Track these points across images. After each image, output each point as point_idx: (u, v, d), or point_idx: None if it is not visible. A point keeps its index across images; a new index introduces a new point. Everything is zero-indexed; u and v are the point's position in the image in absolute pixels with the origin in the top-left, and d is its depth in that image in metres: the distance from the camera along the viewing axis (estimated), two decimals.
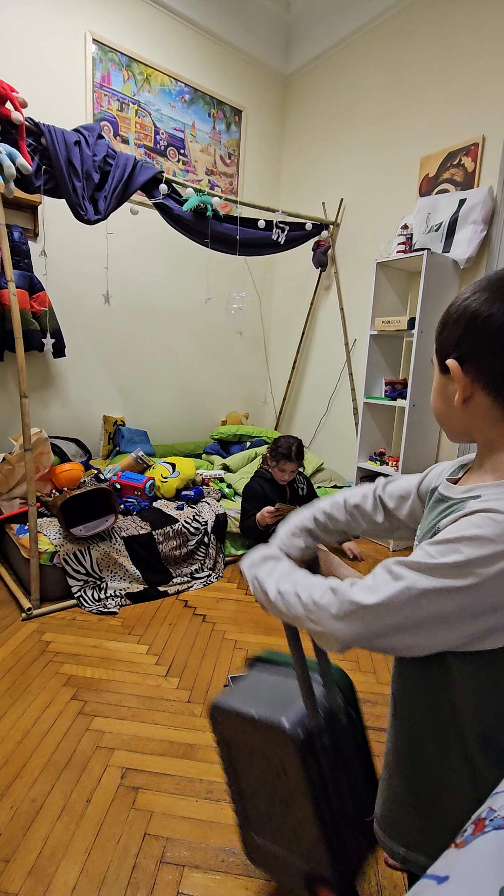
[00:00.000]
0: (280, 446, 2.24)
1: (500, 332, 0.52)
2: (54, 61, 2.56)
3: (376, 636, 0.52)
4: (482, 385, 0.55)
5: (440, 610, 0.49)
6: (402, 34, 2.76)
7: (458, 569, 0.48)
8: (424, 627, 0.50)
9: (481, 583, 0.47)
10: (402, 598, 0.50)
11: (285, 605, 0.59)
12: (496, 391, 0.54)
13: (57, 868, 0.95)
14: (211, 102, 3.21)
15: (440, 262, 2.42)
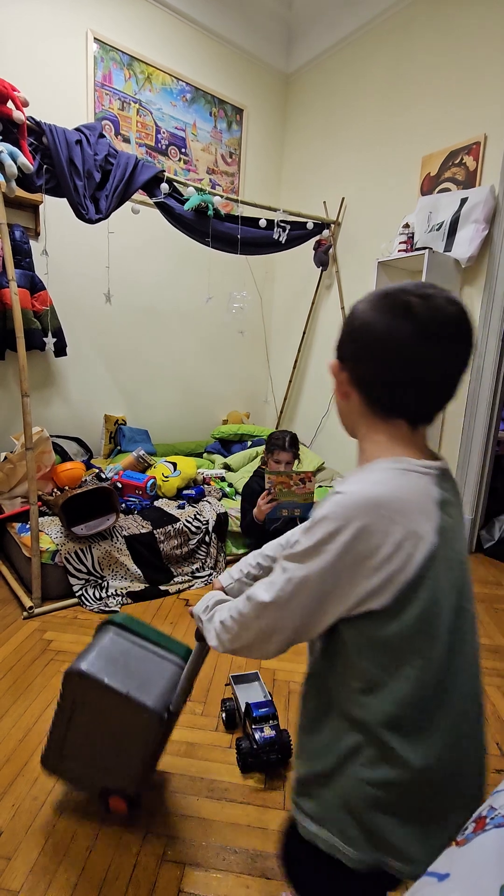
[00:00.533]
0: (274, 438, 2.26)
1: (370, 340, 0.58)
2: (55, 60, 2.56)
3: (283, 628, 0.57)
4: (355, 384, 0.61)
5: (317, 590, 0.54)
6: (403, 33, 2.76)
7: (314, 550, 0.54)
8: (314, 608, 0.55)
9: (333, 558, 0.53)
10: (289, 588, 0.56)
11: (232, 634, 0.63)
12: (365, 391, 0.61)
13: (58, 866, 0.95)
14: (212, 101, 3.21)
15: (442, 261, 2.42)
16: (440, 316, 0.55)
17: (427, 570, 0.53)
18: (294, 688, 1.50)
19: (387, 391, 0.59)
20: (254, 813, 1.08)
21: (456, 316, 0.55)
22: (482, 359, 2.50)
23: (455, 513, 0.60)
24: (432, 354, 0.56)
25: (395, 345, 0.56)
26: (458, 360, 0.57)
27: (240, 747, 1.19)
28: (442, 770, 0.54)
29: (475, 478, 2.60)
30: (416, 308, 0.55)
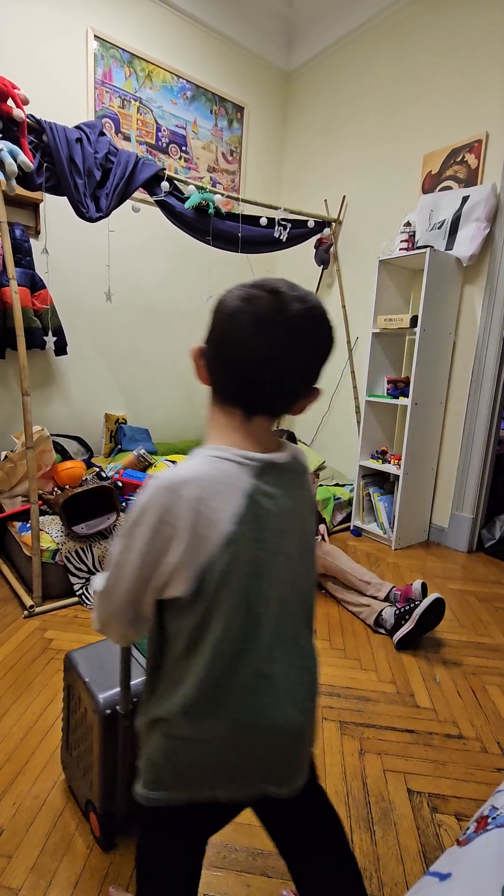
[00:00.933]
0: None
1: (216, 324, 0.60)
2: (56, 58, 2.55)
3: (117, 614, 0.60)
4: (205, 368, 0.64)
5: (134, 573, 0.57)
6: (404, 30, 2.75)
7: (128, 534, 0.57)
8: (135, 591, 0.58)
9: (141, 541, 0.55)
10: (114, 575, 0.59)
11: (96, 622, 0.65)
12: (209, 375, 0.63)
13: (59, 864, 0.95)
14: (213, 99, 3.20)
15: (443, 259, 2.41)
16: (279, 309, 0.56)
17: (223, 556, 0.55)
18: None
19: (221, 376, 0.62)
20: None
21: (297, 312, 0.57)
22: (483, 358, 2.50)
23: (279, 504, 0.61)
24: (260, 345, 0.57)
25: (230, 330, 0.58)
26: (288, 354, 0.58)
27: None
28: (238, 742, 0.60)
29: (476, 477, 2.60)
30: (259, 299, 0.56)
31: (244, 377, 0.60)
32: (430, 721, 1.38)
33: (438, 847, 1.02)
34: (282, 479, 0.63)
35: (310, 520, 0.69)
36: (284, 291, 0.57)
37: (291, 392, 0.63)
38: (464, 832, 0.34)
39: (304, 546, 0.67)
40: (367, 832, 1.04)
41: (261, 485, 0.59)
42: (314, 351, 0.61)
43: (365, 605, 1.89)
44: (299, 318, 0.57)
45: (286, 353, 0.58)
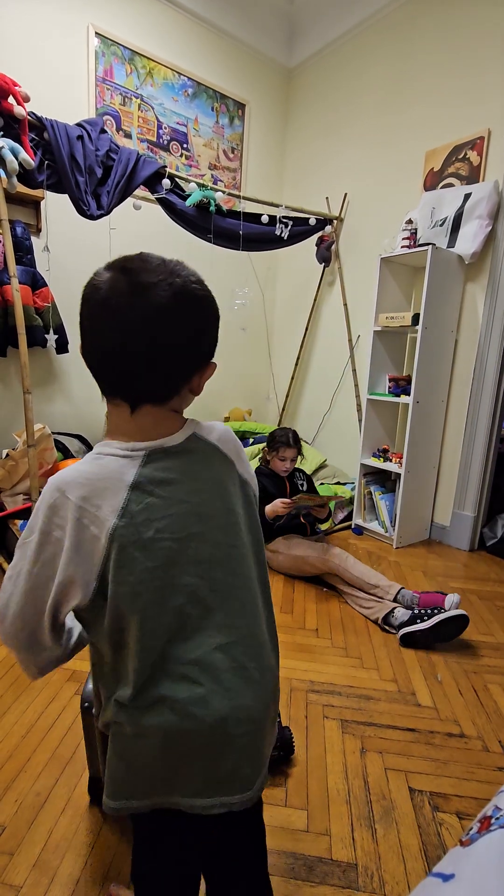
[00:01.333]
0: (277, 436, 2.28)
1: (80, 311, 0.57)
2: (57, 55, 2.55)
3: (16, 632, 0.58)
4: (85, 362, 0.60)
5: (26, 584, 0.55)
6: (406, 27, 2.73)
7: (22, 543, 0.56)
8: (30, 606, 0.56)
9: (32, 549, 0.55)
10: (9, 587, 0.57)
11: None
12: (89, 368, 0.60)
13: (61, 861, 0.95)
14: (214, 96, 3.19)
15: (445, 257, 2.40)
16: (130, 290, 0.51)
17: (113, 553, 0.53)
18: (296, 685, 1.50)
19: (93, 371, 0.58)
20: None
21: (151, 290, 0.52)
22: (485, 355, 2.49)
23: (180, 488, 0.59)
24: (116, 333, 0.54)
25: (84, 321, 0.55)
26: (151, 338, 0.54)
27: None
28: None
29: (478, 475, 2.59)
30: (108, 282, 0.53)
31: (114, 369, 0.57)
32: (432, 720, 1.38)
33: (440, 845, 1.02)
34: (180, 461, 0.60)
35: (236, 496, 0.64)
36: (134, 268, 0.53)
37: (171, 375, 0.59)
38: (467, 832, 0.34)
39: (234, 525, 0.62)
40: (368, 830, 1.04)
41: (150, 473, 0.57)
42: (183, 327, 0.56)
43: (375, 602, 1.89)
44: (155, 295, 0.52)
45: (148, 337, 0.54)
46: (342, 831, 1.04)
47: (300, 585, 2.16)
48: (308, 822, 1.06)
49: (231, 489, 0.64)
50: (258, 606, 0.64)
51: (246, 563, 0.63)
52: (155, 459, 0.59)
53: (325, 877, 0.95)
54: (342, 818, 1.07)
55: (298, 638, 1.76)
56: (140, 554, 0.54)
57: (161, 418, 0.62)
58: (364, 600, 1.93)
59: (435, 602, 1.81)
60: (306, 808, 1.09)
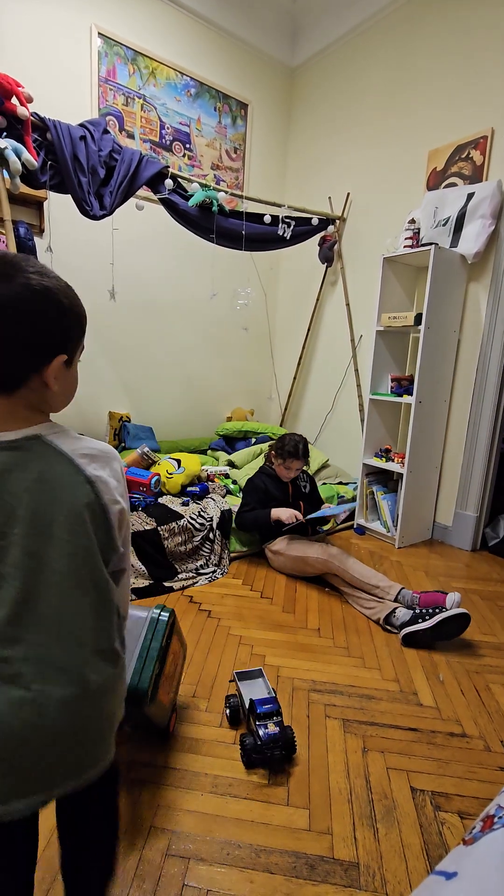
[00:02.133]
0: (287, 444, 2.24)
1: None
2: (60, 56, 2.55)
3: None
4: None
5: None
6: (409, 26, 2.73)
7: None
8: None
9: None
10: None
11: None
12: None
13: None
14: (217, 96, 3.19)
15: (448, 256, 2.40)
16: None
17: None
18: (298, 685, 1.50)
19: None
20: (257, 809, 1.09)
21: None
22: (487, 355, 2.49)
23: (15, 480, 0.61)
24: None
25: None
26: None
27: (244, 743, 1.19)
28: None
29: (480, 475, 2.59)
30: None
31: None
32: (434, 719, 1.38)
33: (441, 845, 1.02)
34: (17, 455, 0.61)
35: (49, 498, 0.62)
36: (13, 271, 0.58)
37: (16, 376, 0.63)
38: (470, 831, 0.34)
39: (48, 520, 0.61)
40: (370, 829, 1.05)
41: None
42: (13, 320, 0.59)
43: (376, 602, 1.89)
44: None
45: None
46: (344, 830, 1.04)
47: (302, 586, 2.16)
48: (310, 820, 1.06)
49: (49, 505, 0.62)
50: (97, 632, 0.65)
51: (42, 583, 0.61)
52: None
53: (327, 876, 0.95)
54: (344, 817, 1.07)
55: (300, 638, 1.76)
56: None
57: (12, 408, 0.64)
58: (365, 600, 1.93)
59: (436, 601, 1.81)
60: (308, 807, 1.10)
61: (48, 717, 0.59)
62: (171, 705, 1.21)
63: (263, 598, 2.04)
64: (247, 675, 1.42)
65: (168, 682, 1.15)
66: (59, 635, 0.61)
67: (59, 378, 0.66)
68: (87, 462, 0.66)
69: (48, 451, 0.64)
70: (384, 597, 1.90)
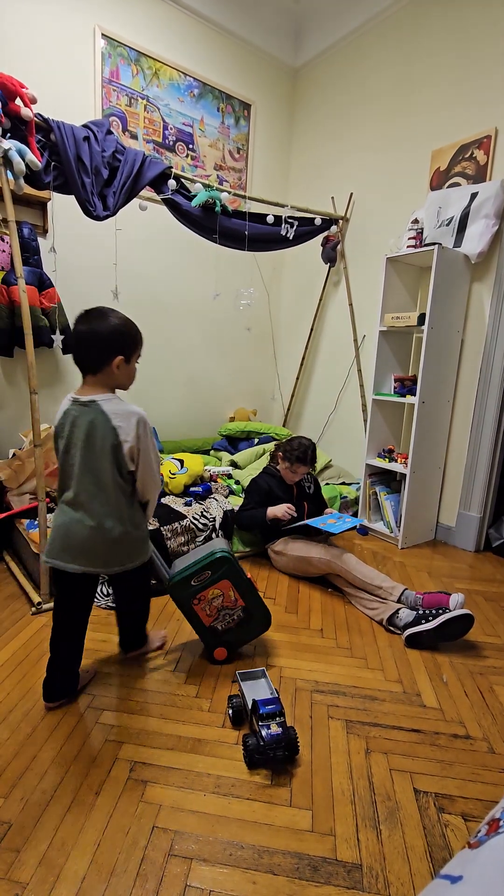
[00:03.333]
0: (296, 448, 2.23)
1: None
2: (63, 57, 2.56)
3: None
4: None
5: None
6: (412, 26, 2.72)
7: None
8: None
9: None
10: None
11: None
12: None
13: (67, 858, 0.96)
14: (220, 97, 3.19)
15: (451, 256, 2.39)
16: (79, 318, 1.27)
17: (56, 432, 1.29)
18: (301, 685, 1.50)
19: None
20: (260, 809, 1.08)
21: (77, 323, 1.27)
22: (491, 355, 2.48)
23: (76, 416, 1.24)
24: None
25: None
26: (75, 346, 1.31)
27: (246, 744, 1.19)
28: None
29: (484, 476, 2.58)
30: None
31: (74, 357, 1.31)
32: (437, 721, 1.38)
33: (445, 847, 1.02)
34: (79, 406, 1.25)
35: (92, 433, 1.23)
36: (84, 312, 1.27)
37: (91, 365, 1.27)
38: (475, 835, 0.34)
39: (92, 443, 1.23)
40: (373, 831, 1.04)
41: (71, 407, 1.26)
42: (82, 343, 1.27)
43: (379, 603, 1.89)
44: (82, 322, 1.26)
45: (74, 345, 1.31)
46: (347, 832, 1.04)
47: (304, 586, 2.16)
48: (313, 822, 1.06)
49: (93, 435, 1.23)
50: (103, 490, 1.25)
51: (100, 466, 1.24)
52: (75, 402, 1.26)
53: (330, 877, 0.95)
54: (347, 818, 1.07)
55: (303, 638, 1.76)
56: (60, 437, 1.28)
57: (87, 383, 1.29)
58: (368, 601, 1.92)
59: (439, 602, 1.81)
60: (311, 808, 1.09)
61: (82, 534, 1.25)
62: (208, 621, 1.56)
63: (266, 598, 2.03)
64: (249, 675, 1.42)
65: (204, 601, 1.53)
66: (95, 497, 1.25)
67: (120, 368, 1.27)
68: (114, 417, 1.24)
69: (97, 409, 1.24)
70: (387, 597, 1.89)
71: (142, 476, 1.29)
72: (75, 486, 1.23)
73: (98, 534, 1.24)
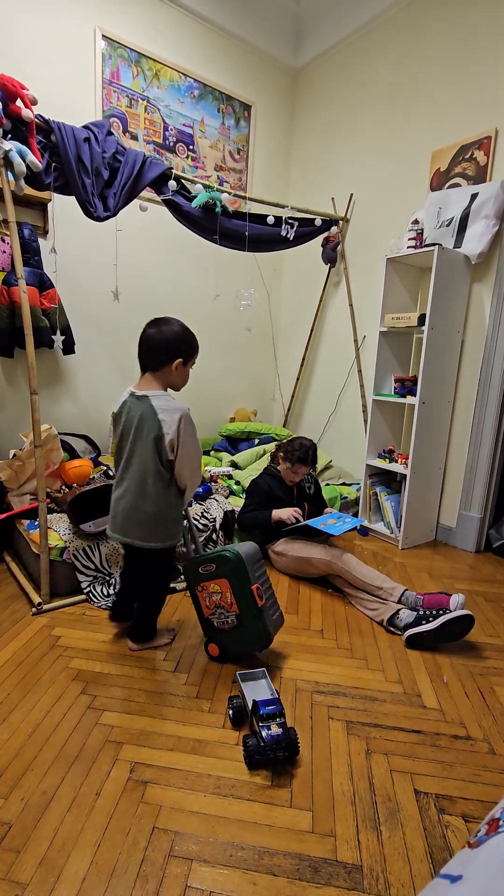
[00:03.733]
0: (297, 449, 2.22)
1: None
2: (64, 58, 2.56)
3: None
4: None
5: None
6: (412, 27, 2.73)
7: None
8: None
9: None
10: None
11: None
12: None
13: (67, 859, 0.96)
14: (220, 98, 3.20)
15: (451, 257, 2.40)
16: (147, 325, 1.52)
17: (116, 419, 1.54)
18: (301, 686, 1.50)
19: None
20: (260, 810, 1.08)
21: (144, 329, 1.50)
22: (491, 356, 2.48)
23: (131, 407, 1.48)
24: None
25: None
26: (139, 347, 1.50)
27: (247, 745, 1.19)
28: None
29: (484, 476, 2.58)
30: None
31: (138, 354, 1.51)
32: (438, 721, 1.38)
33: (445, 848, 1.02)
34: (134, 399, 1.47)
35: (142, 423, 1.43)
36: (153, 320, 1.51)
37: (152, 363, 1.49)
38: (475, 834, 0.34)
39: (140, 433, 1.44)
40: (373, 832, 1.04)
41: (128, 399, 1.49)
42: (144, 347, 1.49)
43: (379, 604, 1.88)
44: (150, 328, 1.49)
45: (141, 346, 1.50)
46: (347, 833, 1.04)
47: (305, 587, 2.16)
48: (313, 823, 1.06)
49: (139, 422, 1.44)
50: (144, 475, 1.45)
51: (143, 452, 1.45)
52: (132, 396, 1.48)
53: (331, 878, 0.95)
54: (347, 819, 1.07)
55: (303, 639, 1.76)
56: (118, 424, 1.51)
57: (145, 379, 1.51)
58: (368, 602, 1.92)
59: (439, 603, 1.81)
60: (311, 808, 1.09)
61: (124, 509, 1.49)
62: (206, 613, 1.60)
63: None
64: (250, 675, 1.42)
65: (206, 592, 1.58)
66: (136, 479, 1.46)
67: (178, 369, 1.50)
68: (161, 412, 1.43)
69: (147, 403, 1.44)
70: (388, 598, 1.89)
71: (179, 465, 1.46)
72: (122, 467, 1.48)
73: (135, 510, 1.46)
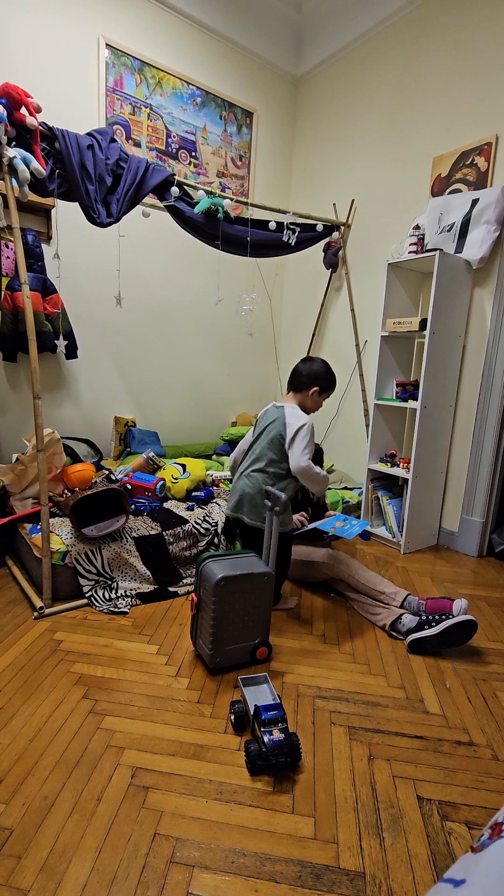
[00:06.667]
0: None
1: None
2: (68, 66, 2.59)
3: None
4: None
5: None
6: (413, 34, 2.75)
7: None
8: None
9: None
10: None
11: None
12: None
13: (68, 865, 0.95)
14: (222, 105, 3.23)
15: (453, 262, 2.40)
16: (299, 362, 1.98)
17: (259, 418, 1.97)
18: (303, 691, 1.49)
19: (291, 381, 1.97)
20: (262, 816, 1.08)
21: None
22: (493, 360, 2.48)
23: (270, 412, 1.91)
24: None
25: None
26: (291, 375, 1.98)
27: (248, 750, 1.18)
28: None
29: (486, 481, 2.57)
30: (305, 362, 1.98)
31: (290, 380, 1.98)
32: (440, 727, 1.37)
33: (449, 855, 1.01)
34: (275, 408, 1.90)
35: (271, 427, 1.84)
36: (304, 358, 2.00)
37: (295, 386, 1.93)
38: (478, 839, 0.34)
39: (270, 432, 1.83)
40: (376, 839, 1.04)
41: (271, 407, 1.93)
42: (293, 373, 1.95)
43: (382, 608, 1.88)
44: (301, 365, 1.95)
45: (293, 373, 1.96)
46: (350, 839, 1.03)
47: (307, 591, 2.15)
48: (315, 829, 1.05)
49: (271, 424, 1.85)
50: (266, 464, 1.83)
51: (264, 446, 1.85)
52: (275, 407, 1.91)
53: (333, 885, 0.94)
54: (350, 826, 1.06)
55: (305, 643, 1.75)
56: (256, 425, 1.98)
57: (289, 397, 1.95)
58: (371, 606, 1.92)
59: (442, 608, 1.80)
60: (313, 815, 1.09)
61: (245, 497, 1.86)
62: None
63: None
64: (251, 680, 1.42)
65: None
66: (261, 466, 1.84)
67: (313, 396, 1.91)
68: (289, 418, 1.81)
69: (282, 412, 1.84)
70: (390, 603, 1.88)
71: (291, 460, 1.80)
72: (252, 456, 1.88)
73: (257, 493, 1.81)
